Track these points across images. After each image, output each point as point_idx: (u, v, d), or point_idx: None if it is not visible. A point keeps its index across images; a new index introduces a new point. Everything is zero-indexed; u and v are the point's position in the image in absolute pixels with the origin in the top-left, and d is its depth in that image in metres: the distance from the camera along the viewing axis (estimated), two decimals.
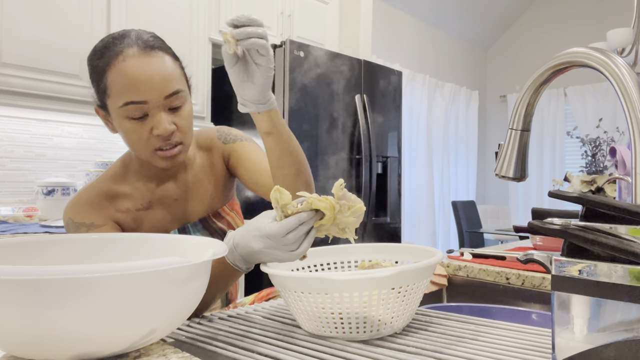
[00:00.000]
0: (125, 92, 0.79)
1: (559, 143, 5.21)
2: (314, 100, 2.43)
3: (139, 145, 0.84)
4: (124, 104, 0.80)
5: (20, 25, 1.94)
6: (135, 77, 0.79)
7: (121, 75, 0.79)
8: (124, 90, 0.79)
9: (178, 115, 0.85)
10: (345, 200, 0.67)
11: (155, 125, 0.82)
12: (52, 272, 0.46)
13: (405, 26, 4.77)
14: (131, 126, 0.82)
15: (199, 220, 1.00)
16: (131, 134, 0.83)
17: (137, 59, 0.80)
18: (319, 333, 0.69)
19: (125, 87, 0.79)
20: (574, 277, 0.46)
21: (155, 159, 0.86)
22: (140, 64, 0.80)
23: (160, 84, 0.81)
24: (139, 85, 0.79)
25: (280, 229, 0.64)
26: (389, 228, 2.80)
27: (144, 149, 0.84)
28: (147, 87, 0.80)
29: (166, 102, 0.83)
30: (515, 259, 1.20)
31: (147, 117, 0.82)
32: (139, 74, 0.79)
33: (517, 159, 0.63)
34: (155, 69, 0.81)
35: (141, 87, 0.79)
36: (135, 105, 0.80)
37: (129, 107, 0.80)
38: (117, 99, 0.80)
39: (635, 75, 0.52)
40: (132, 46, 0.81)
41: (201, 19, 2.51)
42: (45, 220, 2.11)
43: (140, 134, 0.83)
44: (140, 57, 0.80)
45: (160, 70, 0.81)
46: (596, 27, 4.91)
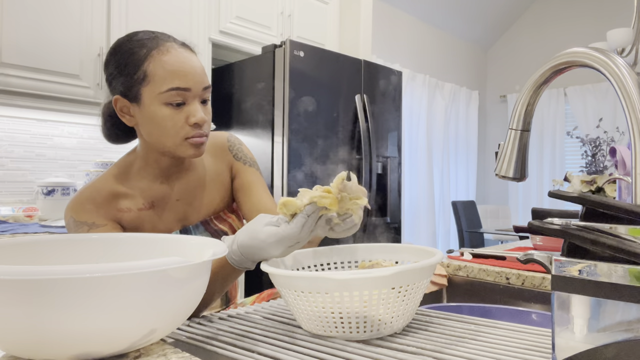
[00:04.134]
0: (170, 79, 0.85)
1: (559, 143, 5.21)
2: (314, 100, 2.43)
3: (171, 132, 0.88)
4: (168, 89, 0.85)
5: (20, 25, 1.94)
6: (181, 66, 0.86)
7: (167, 63, 0.85)
8: (168, 76, 0.85)
9: (206, 108, 0.92)
10: (346, 192, 0.71)
11: (192, 113, 0.87)
12: (52, 272, 0.46)
13: (405, 26, 4.77)
14: (169, 112, 0.87)
15: (200, 222, 1.00)
16: (167, 120, 0.87)
17: (180, 52, 0.88)
18: (319, 333, 0.69)
19: (171, 74, 0.85)
20: (574, 277, 0.46)
21: (184, 147, 0.89)
22: (184, 56, 0.88)
23: (201, 75, 0.89)
24: (185, 72, 0.86)
25: (296, 227, 0.69)
26: (389, 228, 2.80)
27: (175, 136, 0.88)
28: (191, 75, 0.87)
29: (202, 94, 0.89)
30: (515, 259, 1.20)
31: (183, 106, 0.87)
32: (184, 63, 0.87)
33: (517, 159, 0.63)
34: (195, 62, 0.89)
35: (186, 74, 0.86)
36: (179, 92, 0.86)
37: (172, 92, 0.86)
38: (160, 85, 0.85)
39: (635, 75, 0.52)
40: (172, 42, 0.89)
41: (201, 19, 2.51)
42: (45, 220, 2.11)
43: (176, 121, 0.87)
44: (182, 51, 0.89)
45: (198, 64, 0.90)
46: (596, 27, 4.91)
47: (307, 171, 2.38)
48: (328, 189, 0.70)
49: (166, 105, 0.86)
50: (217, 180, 1.03)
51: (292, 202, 0.70)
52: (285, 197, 0.70)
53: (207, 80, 0.90)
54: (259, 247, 0.71)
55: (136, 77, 0.86)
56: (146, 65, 0.85)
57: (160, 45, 0.87)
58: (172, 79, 0.85)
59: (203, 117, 0.88)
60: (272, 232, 0.70)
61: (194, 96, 0.88)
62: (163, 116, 0.86)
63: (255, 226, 0.72)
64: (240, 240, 0.73)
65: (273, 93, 2.40)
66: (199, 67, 0.89)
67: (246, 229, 0.74)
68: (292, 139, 2.34)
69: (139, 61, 0.86)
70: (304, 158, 2.38)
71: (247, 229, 0.73)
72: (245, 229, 0.74)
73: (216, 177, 1.03)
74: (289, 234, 0.69)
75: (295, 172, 2.34)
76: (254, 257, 0.74)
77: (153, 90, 0.85)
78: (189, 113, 0.87)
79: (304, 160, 2.38)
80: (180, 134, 0.88)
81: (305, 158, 2.38)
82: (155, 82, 0.85)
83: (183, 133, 0.88)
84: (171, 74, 0.85)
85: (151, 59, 0.85)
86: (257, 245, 0.71)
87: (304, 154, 2.38)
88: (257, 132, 2.49)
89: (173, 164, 0.95)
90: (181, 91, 0.86)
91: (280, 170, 2.35)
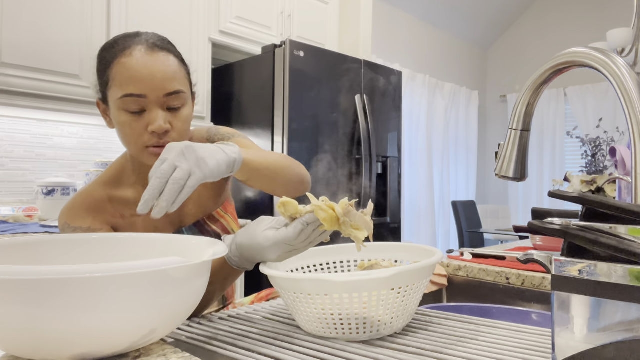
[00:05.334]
0: (126, 85, 0.81)
1: (559, 143, 5.21)
2: (314, 100, 2.43)
3: (131, 140, 0.85)
4: (123, 96, 0.82)
5: (20, 25, 1.94)
6: (137, 71, 0.81)
7: (124, 68, 0.81)
8: (124, 82, 0.81)
9: (176, 116, 0.86)
10: (349, 218, 0.67)
11: (150, 122, 0.83)
12: (52, 272, 0.46)
13: (405, 26, 4.77)
14: (127, 119, 0.83)
15: (194, 224, 1.00)
16: (126, 127, 0.84)
17: (143, 55, 0.82)
18: (319, 334, 0.68)
19: (126, 80, 0.81)
20: (574, 277, 0.46)
21: (146, 155, 0.86)
22: (145, 60, 0.82)
23: (162, 81, 0.83)
24: (140, 79, 0.81)
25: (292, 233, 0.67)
26: (389, 228, 2.80)
27: (136, 144, 0.85)
28: (147, 82, 0.82)
29: (165, 100, 0.84)
30: (515, 259, 1.20)
31: (144, 113, 0.83)
32: (141, 68, 0.81)
33: (517, 159, 0.63)
34: (159, 66, 0.83)
35: (142, 81, 0.81)
36: (134, 98, 0.82)
37: (128, 99, 0.82)
38: (118, 90, 0.82)
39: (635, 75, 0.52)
40: (141, 44, 0.84)
41: (201, 19, 2.51)
42: (45, 220, 2.11)
43: (135, 129, 0.84)
44: (146, 54, 0.83)
45: (163, 68, 0.83)
46: (596, 27, 4.91)
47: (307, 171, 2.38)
48: (333, 205, 0.67)
49: (125, 111, 0.83)
50: None
51: (291, 203, 0.68)
52: (285, 198, 0.69)
53: (171, 86, 0.84)
54: (256, 249, 0.70)
55: (104, 81, 0.85)
56: (110, 69, 0.83)
57: (127, 48, 0.83)
58: (127, 85, 0.81)
59: (161, 126, 0.82)
60: (270, 236, 0.69)
61: (153, 103, 0.83)
62: (122, 122, 0.84)
63: (254, 228, 0.72)
64: (238, 241, 0.73)
65: (273, 93, 2.40)
66: (160, 73, 0.82)
67: (246, 230, 0.73)
68: (292, 139, 2.34)
69: (107, 65, 0.84)
70: (304, 158, 2.38)
71: (247, 230, 0.73)
72: (244, 230, 0.74)
73: None
74: (285, 239, 0.68)
75: None
76: (252, 259, 0.73)
77: (113, 95, 0.83)
78: (149, 121, 0.83)
79: (304, 160, 2.38)
80: (139, 142, 0.84)
81: (305, 158, 2.38)
82: (115, 87, 0.83)
83: (142, 141, 0.84)
84: (127, 79, 0.81)
85: (115, 63, 0.83)
86: (255, 248, 0.70)
87: (304, 154, 2.38)
88: (257, 132, 2.49)
89: None
90: (136, 98, 0.81)
91: None
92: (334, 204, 0.67)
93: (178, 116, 0.86)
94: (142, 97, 0.82)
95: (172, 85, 0.84)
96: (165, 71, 0.83)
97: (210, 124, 2.61)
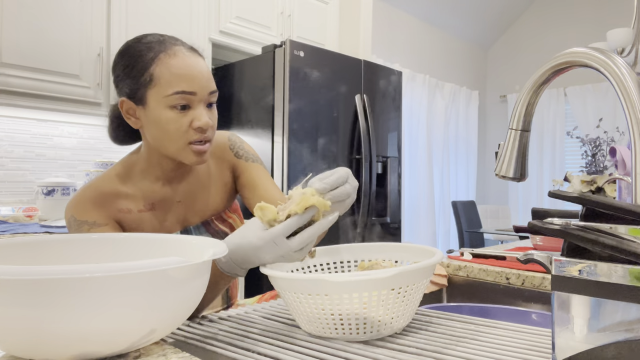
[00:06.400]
0: (176, 82, 0.85)
1: (559, 143, 5.21)
2: (314, 100, 2.43)
3: (175, 136, 0.87)
4: (173, 93, 0.85)
5: (20, 25, 1.94)
6: (188, 69, 0.86)
7: (173, 66, 0.86)
8: (174, 80, 0.85)
9: (212, 113, 0.92)
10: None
11: (196, 117, 0.87)
12: (52, 272, 0.46)
13: (405, 26, 4.77)
14: (173, 116, 0.86)
15: (201, 223, 1.00)
16: (171, 123, 0.86)
17: (188, 56, 0.88)
18: (319, 334, 0.68)
19: (177, 77, 0.85)
20: (574, 277, 0.46)
21: (187, 152, 0.89)
22: (192, 60, 0.88)
23: (207, 79, 0.89)
24: (192, 77, 0.86)
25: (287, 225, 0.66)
26: (389, 228, 2.80)
27: (179, 140, 0.87)
28: (197, 80, 0.87)
29: (208, 98, 0.89)
30: (515, 259, 1.20)
31: (188, 110, 0.87)
32: (191, 67, 0.87)
33: (517, 159, 0.63)
34: (203, 66, 0.90)
35: (193, 79, 0.86)
36: (184, 95, 0.86)
37: (177, 96, 0.85)
38: (166, 88, 0.85)
39: (635, 75, 0.52)
40: (180, 45, 0.89)
41: (201, 19, 2.51)
42: (45, 220, 2.11)
43: (180, 125, 0.87)
44: (190, 55, 0.89)
45: (205, 68, 0.90)
46: (596, 27, 4.91)
47: (307, 171, 2.38)
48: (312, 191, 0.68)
49: (171, 108, 0.86)
50: (219, 181, 1.03)
51: (269, 208, 0.67)
52: (263, 202, 0.68)
53: (213, 85, 0.90)
54: (248, 249, 0.69)
55: (142, 79, 0.86)
56: (153, 68, 0.85)
57: (168, 49, 0.87)
58: (178, 82, 0.85)
59: (207, 122, 0.88)
60: (263, 235, 0.68)
61: (199, 100, 0.88)
62: (167, 119, 0.86)
63: (245, 229, 0.71)
64: (228, 244, 0.71)
65: (273, 93, 2.40)
66: (205, 72, 0.89)
67: (236, 232, 0.72)
68: (292, 139, 2.34)
69: (146, 64, 0.86)
70: (304, 158, 2.38)
71: (238, 232, 0.72)
72: (235, 233, 0.72)
73: (218, 178, 1.03)
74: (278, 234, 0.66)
75: (296, 172, 2.34)
76: (244, 262, 0.71)
77: (159, 93, 0.85)
78: (194, 117, 0.87)
79: (304, 160, 2.38)
80: (183, 138, 0.87)
81: (305, 158, 2.38)
82: (161, 85, 0.85)
83: (186, 137, 0.87)
84: (177, 77, 0.85)
85: (158, 62, 0.85)
86: (246, 248, 0.69)
87: (304, 154, 2.38)
88: (257, 132, 2.49)
89: (176, 167, 0.95)
90: (186, 95, 0.86)
91: (280, 170, 2.35)
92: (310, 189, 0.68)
93: (213, 113, 0.93)
94: (192, 94, 0.86)
95: (213, 84, 0.91)
96: (207, 71, 0.90)
97: None
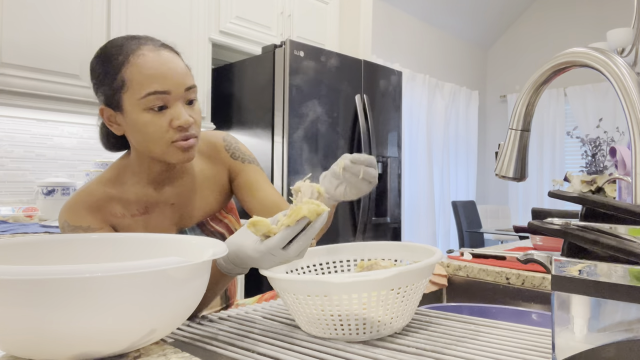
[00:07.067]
0: (147, 83, 0.82)
1: (559, 143, 5.21)
2: (314, 100, 2.43)
3: (156, 137, 0.85)
4: (146, 95, 0.82)
5: (20, 25, 1.94)
6: (158, 68, 0.83)
7: (143, 67, 0.82)
8: (145, 81, 0.82)
9: (193, 109, 0.88)
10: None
11: (175, 117, 0.84)
12: (52, 272, 0.46)
13: (405, 26, 4.77)
14: (151, 118, 0.84)
15: (197, 225, 0.99)
16: (150, 126, 0.84)
17: (156, 53, 0.84)
18: (318, 334, 0.68)
19: (147, 78, 0.82)
20: (574, 277, 0.46)
21: (172, 151, 0.86)
22: (160, 57, 0.84)
23: (181, 75, 0.85)
24: (163, 75, 0.83)
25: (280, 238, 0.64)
26: (389, 228, 2.80)
27: (161, 141, 0.85)
28: (169, 77, 0.83)
29: (185, 95, 0.86)
30: (515, 259, 1.20)
31: (166, 109, 0.84)
32: (160, 65, 0.83)
33: (517, 159, 0.63)
34: (176, 62, 0.86)
35: (164, 77, 0.83)
36: (158, 95, 0.83)
37: (151, 97, 0.82)
38: (138, 90, 0.82)
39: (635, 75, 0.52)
40: (147, 44, 0.85)
41: (201, 19, 2.51)
42: (45, 220, 2.11)
43: (159, 126, 0.84)
44: (158, 52, 0.84)
45: (178, 64, 0.86)
46: (596, 27, 4.91)
47: (307, 171, 2.38)
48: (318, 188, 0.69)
49: (147, 110, 0.83)
50: (213, 181, 1.01)
51: (262, 222, 0.66)
52: (255, 217, 0.66)
53: (189, 80, 0.87)
54: (245, 260, 0.69)
55: (115, 84, 0.84)
56: (124, 71, 0.83)
57: (136, 50, 0.83)
58: (149, 83, 0.82)
59: (187, 119, 0.84)
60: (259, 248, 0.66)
61: (175, 98, 0.84)
62: (145, 122, 0.84)
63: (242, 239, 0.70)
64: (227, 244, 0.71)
65: (273, 93, 2.40)
66: (179, 68, 0.85)
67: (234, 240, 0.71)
68: (292, 139, 2.34)
69: (117, 68, 0.83)
70: (304, 158, 2.38)
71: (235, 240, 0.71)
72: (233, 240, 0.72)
73: (212, 179, 1.01)
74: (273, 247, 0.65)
75: (295, 173, 2.34)
76: (243, 266, 0.72)
77: (132, 96, 0.83)
78: (173, 116, 0.84)
79: (304, 160, 2.38)
80: (165, 139, 0.85)
81: (305, 158, 2.38)
82: (133, 88, 0.83)
83: (168, 137, 0.85)
84: (148, 78, 0.82)
85: (128, 64, 0.82)
86: (244, 258, 0.69)
87: (304, 154, 2.38)
88: (257, 132, 2.49)
89: (165, 169, 0.93)
90: (160, 94, 0.82)
91: (280, 170, 2.35)
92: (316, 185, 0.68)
93: (195, 109, 0.88)
94: (166, 93, 0.83)
95: (189, 80, 0.87)
96: (180, 66, 0.86)
97: (210, 124, 2.61)
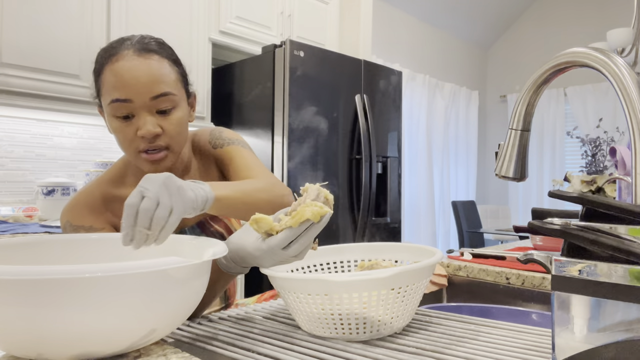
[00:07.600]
0: (112, 90, 0.82)
1: (559, 143, 5.21)
2: (314, 101, 2.43)
3: (125, 145, 0.85)
4: (110, 102, 0.82)
5: (20, 25, 1.94)
6: (122, 76, 0.81)
7: (112, 74, 0.82)
8: (111, 88, 0.82)
9: (166, 119, 0.85)
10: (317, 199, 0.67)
11: (139, 126, 0.83)
12: (52, 272, 0.46)
13: (405, 26, 4.77)
14: (118, 125, 0.84)
15: (196, 224, 0.99)
16: (118, 132, 0.85)
17: (129, 60, 0.82)
18: (319, 334, 0.68)
19: (112, 85, 0.82)
20: (574, 277, 0.46)
21: (140, 161, 0.86)
22: (131, 65, 0.81)
23: (147, 84, 0.82)
24: (124, 84, 0.81)
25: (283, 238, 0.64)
26: (389, 228, 2.80)
27: (129, 149, 0.85)
28: (131, 86, 0.81)
29: (152, 104, 0.83)
30: (515, 259, 1.20)
31: (133, 118, 0.83)
32: (125, 73, 0.81)
33: (517, 159, 0.63)
34: (144, 69, 0.82)
35: (126, 86, 0.81)
36: (120, 104, 0.82)
37: (115, 105, 0.82)
38: (107, 96, 0.83)
39: (635, 75, 0.52)
40: (129, 48, 0.83)
41: (201, 19, 2.51)
42: (45, 220, 2.11)
43: (126, 134, 0.84)
44: (133, 59, 0.82)
45: (149, 72, 0.82)
46: (596, 27, 4.91)
47: (307, 171, 2.38)
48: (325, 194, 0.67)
49: (115, 117, 0.83)
50: (208, 179, 1.00)
51: (265, 220, 0.65)
52: (258, 214, 0.66)
53: (158, 88, 0.82)
54: (247, 258, 0.69)
55: (97, 87, 0.86)
56: (102, 75, 0.84)
57: (114, 55, 0.83)
58: (113, 90, 0.81)
59: (150, 131, 0.82)
60: (261, 246, 0.66)
61: (140, 107, 0.82)
62: (115, 129, 0.84)
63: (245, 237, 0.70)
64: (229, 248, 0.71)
65: (273, 93, 2.40)
66: (146, 76, 0.81)
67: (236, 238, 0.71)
68: (292, 139, 2.34)
69: (97, 72, 0.85)
70: (304, 158, 2.38)
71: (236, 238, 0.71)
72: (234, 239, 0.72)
73: (207, 177, 1.01)
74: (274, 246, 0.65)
75: (295, 172, 2.34)
76: (245, 265, 0.72)
77: (104, 101, 0.84)
78: (137, 126, 0.82)
79: (304, 160, 2.38)
80: (132, 147, 0.84)
81: (305, 158, 2.38)
82: (104, 94, 0.83)
83: (134, 146, 0.84)
84: (113, 85, 0.81)
85: (103, 70, 0.83)
86: (245, 257, 0.69)
87: (304, 154, 2.38)
88: (257, 132, 2.49)
89: (157, 170, 0.91)
90: (122, 103, 0.81)
91: (280, 170, 2.35)
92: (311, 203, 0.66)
93: (169, 119, 0.85)
94: (128, 101, 0.81)
95: (158, 88, 0.83)
96: (151, 74, 0.82)
97: (210, 124, 2.60)
